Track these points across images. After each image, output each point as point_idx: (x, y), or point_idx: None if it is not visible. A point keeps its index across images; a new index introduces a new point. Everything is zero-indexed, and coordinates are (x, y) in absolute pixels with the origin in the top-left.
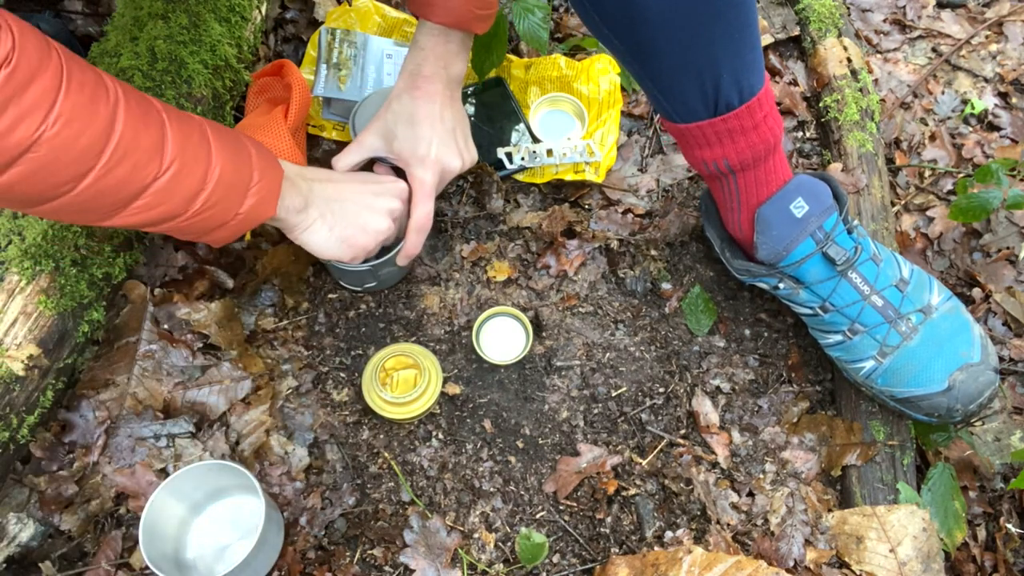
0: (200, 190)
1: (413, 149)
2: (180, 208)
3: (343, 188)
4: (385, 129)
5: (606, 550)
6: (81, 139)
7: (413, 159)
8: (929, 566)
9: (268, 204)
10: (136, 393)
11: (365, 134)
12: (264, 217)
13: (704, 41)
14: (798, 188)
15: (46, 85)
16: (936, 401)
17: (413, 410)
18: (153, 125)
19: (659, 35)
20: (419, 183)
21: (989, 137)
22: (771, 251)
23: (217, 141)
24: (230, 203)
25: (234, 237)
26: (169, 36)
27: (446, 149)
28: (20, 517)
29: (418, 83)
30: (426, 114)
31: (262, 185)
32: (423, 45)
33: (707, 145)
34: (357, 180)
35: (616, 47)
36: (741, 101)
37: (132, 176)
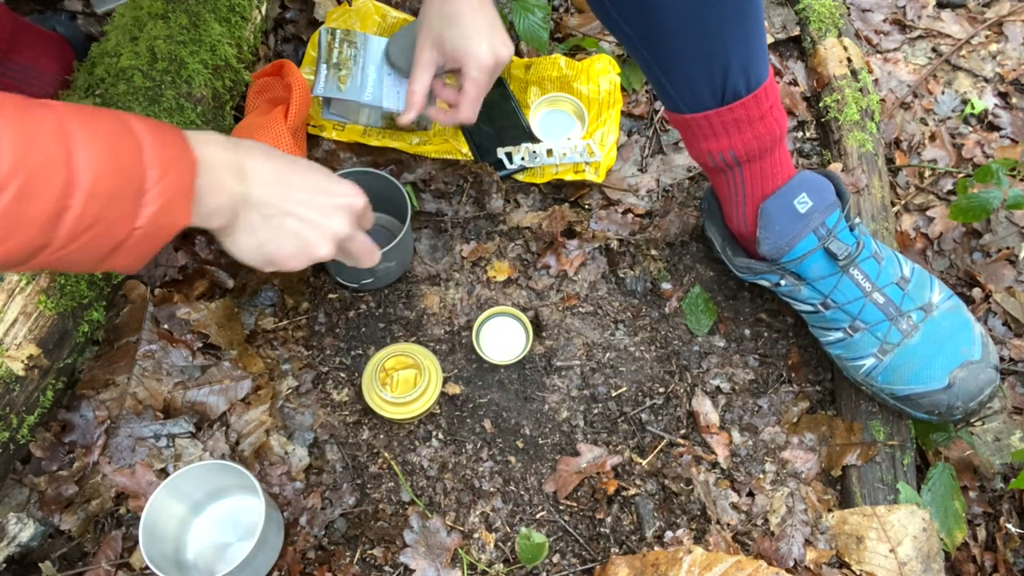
0: (62, 209)
1: (466, 48)
2: (40, 238)
3: (289, 195)
4: (433, 36)
5: (606, 550)
6: None
7: (468, 58)
8: (929, 566)
9: (178, 210)
10: (136, 393)
11: (420, 52)
12: (177, 228)
13: (714, 26)
14: (802, 184)
15: None
16: (937, 399)
17: (413, 410)
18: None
19: (670, 19)
20: (473, 83)
21: (989, 137)
22: (774, 246)
23: (83, 135)
24: (117, 218)
25: (143, 259)
26: (169, 36)
27: (495, 40)
28: (20, 517)
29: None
30: (467, 9)
31: (165, 185)
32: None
33: (713, 136)
34: (310, 186)
35: (625, 33)
36: (748, 90)
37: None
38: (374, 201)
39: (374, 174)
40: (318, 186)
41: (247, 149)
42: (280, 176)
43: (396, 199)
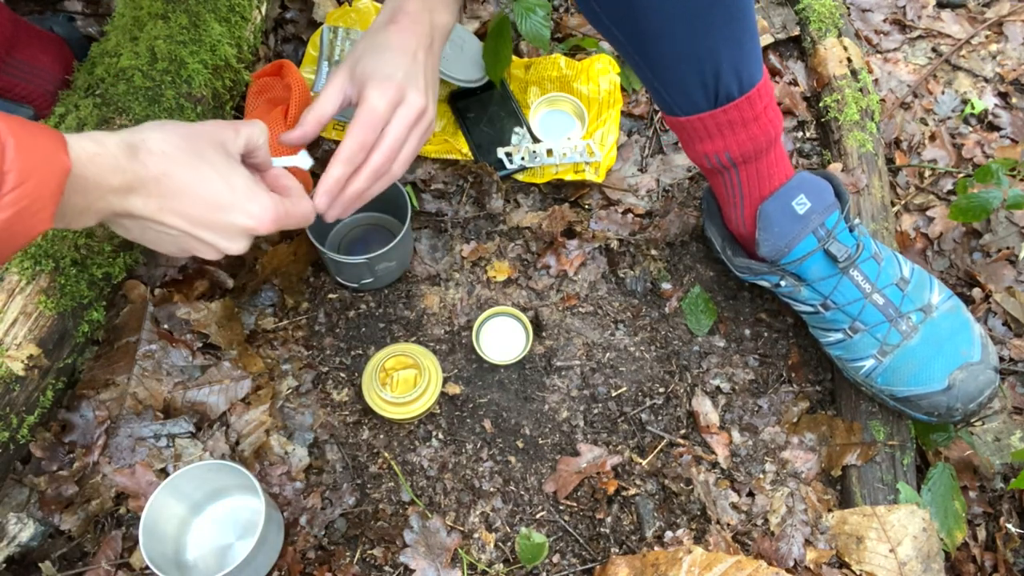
0: None
1: (374, 71)
2: None
3: (177, 209)
4: (353, 60)
5: (606, 550)
6: None
7: (371, 80)
8: (929, 566)
9: (35, 217)
10: (136, 393)
11: (331, 77)
12: (34, 234)
13: (704, 29)
14: (800, 185)
15: None
16: (936, 400)
17: (413, 410)
18: None
19: (659, 23)
20: (367, 107)
21: (989, 137)
22: (773, 248)
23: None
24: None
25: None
26: (169, 36)
27: (411, 80)
28: (20, 517)
29: (397, 18)
30: (399, 46)
31: (22, 192)
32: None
33: (708, 138)
34: (209, 199)
35: (616, 37)
36: (741, 92)
37: None
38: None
39: None
40: (218, 199)
41: (147, 153)
42: (174, 187)
43: (396, 199)
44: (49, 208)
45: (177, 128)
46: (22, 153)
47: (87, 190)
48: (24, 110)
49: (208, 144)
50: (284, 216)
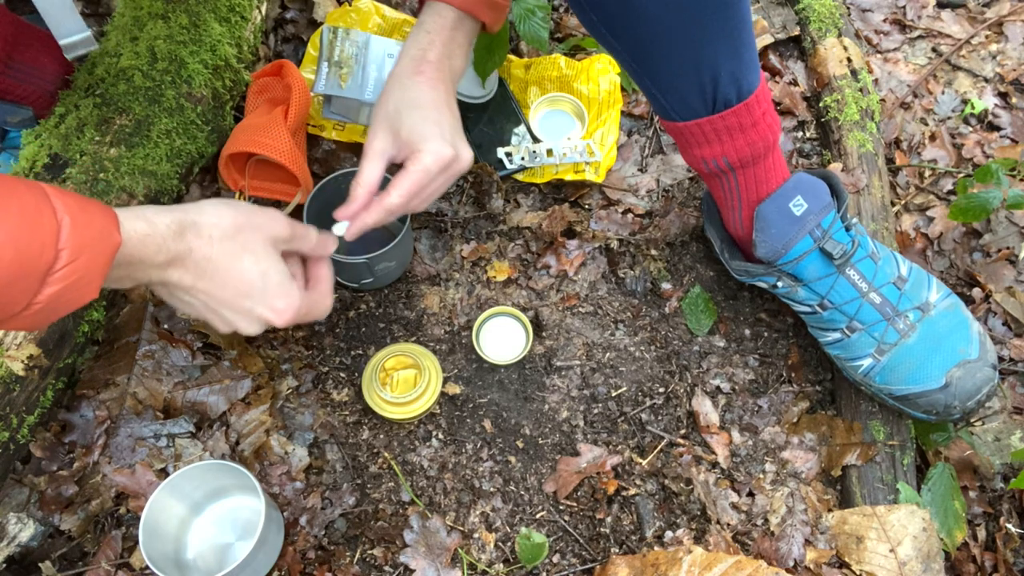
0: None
1: (423, 132)
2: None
3: (208, 288)
4: (389, 121)
5: (606, 550)
6: None
7: (424, 141)
8: (929, 566)
9: (84, 289)
10: (136, 393)
11: (372, 140)
12: (80, 304)
13: (701, 39)
14: (797, 186)
15: None
16: (934, 398)
17: (413, 410)
18: None
19: (656, 34)
20: (422, 170)
21: (989, 137)
22: (770, 249)
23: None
24: (14, 296)
25: (39, 327)
26: (169, 36)
27: (457, 136)
28: (20, 517)
29: (422, 68)
30: (433, 101)
31: (74, 267)
32: (430, 29)
33: (706, 143)
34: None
35: (614, 47)
36: (739, 99)
37: None
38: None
39: None
40: (250, 289)
41: (195, 235)
42: (212, 270)
43: None
44: (97, 282)
45: (232, 213)
46: (77, 231)
47: (131, 264)
48: (24, 111)
49: (256, 234)
50: (304, 314)
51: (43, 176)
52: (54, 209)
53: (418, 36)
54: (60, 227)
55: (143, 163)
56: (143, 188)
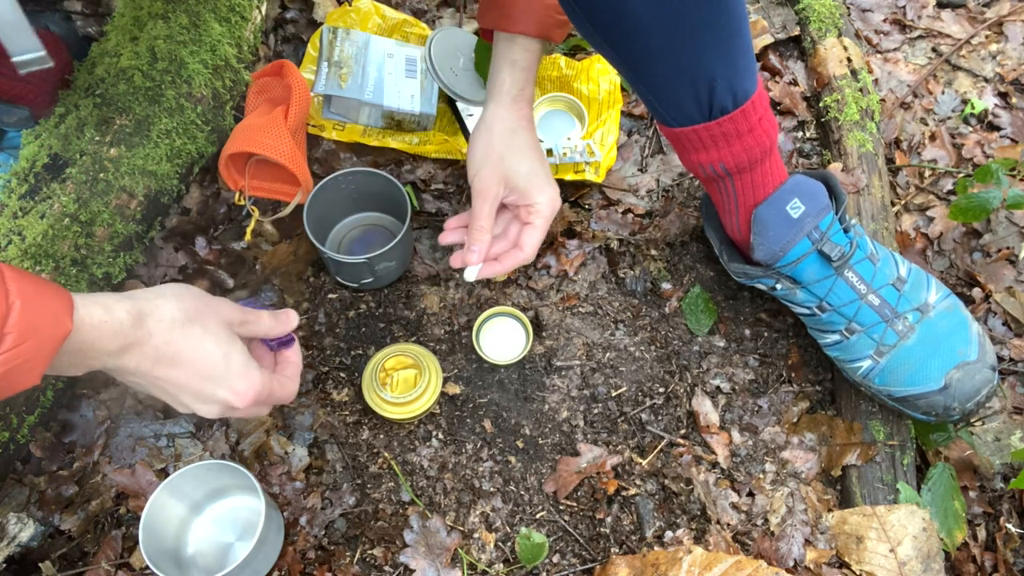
0: None
1: (540, 187)
2: None
3: (166, 373)
4: (500, 166)
5: (606, 550)
6: None
7: (542, 196)
8: (929, 566)
9: (25, 375)
10: (136, 393)
11: (484, 182)
12: (18, 389)
13: (696, 48)
14: (794, 188)
15: None
16: (933, 400)
17: (413, 410)
18: None
19: (652, 43)
20: (544, 223)
21: (989, 137)
22: (768, 252)
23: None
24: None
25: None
26: (169, 36)
27: (554, 183)
28: (20, 517)
29: (522, 108)
30: (534, 142)
31: (16, 353)
32: (522, 64)
33: (703, 148)
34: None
35: (609, 54)
36: (735, 105)
37: None
38: (374, 201)
39: (374, 174)
40: (211, 371)
41: (156, 321)
42: (172, 354)
43: (396, 199)
44: (40, 369)
45: (191, 297)
46: (26, 315)
47: (84, 351)
48: (20, 111)
49: (215, 318)
50: (267, 397)
51: (43, 176)
52: (7, 291)
53: (513, 72)
54: (10, 311)
55: (143, 163)
56: (143, 188)
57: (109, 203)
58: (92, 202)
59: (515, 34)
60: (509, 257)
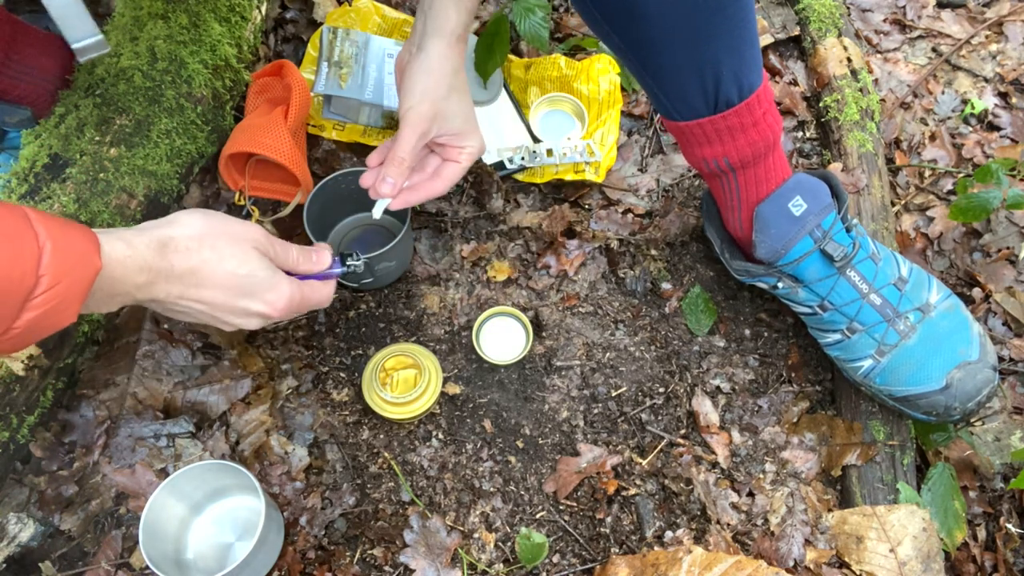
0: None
1: (472, 125)
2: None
3: (197, 294)
4: (436, 102)
5: (606, 550)
6: None
7: (470, 136)
8: (929, 566)
9: (63, 313)
10: (136, 393)
11: (417, 112)
12: (59, 327)
13: (704, 37)
14: (796, 186)
15: None
16: (934, 400)
17: (413, 410)
18: None
19: (660, 31)
20: (466, 164)
21: (989, 137)
22: (770, 249)
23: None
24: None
25: (17, 350)
26: (169, 36)
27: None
28: (20, 517)
29: (461, 48)
30: (466, 87)
31: (54, 293)
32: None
33: (707, 143)
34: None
35: (616, 44)
36: (741, 98)
37: None
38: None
39: None
40: (240, 288)
41: (174, 251)
42: (198, 279)
43: None
44: (76, 306)
45: (205, 221)
46: (58, 256)
47: (113, 286)
48: (23, 111)
49: (232, 239)
50: (300, 302)
51: (43, 176)
52: (36, 234)
53: (459, 10)
54: (42, 253)
55: (143, 163)
56: (143, 188)
57: (109, 203)
58: (92, 202)
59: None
60: (426, 186)
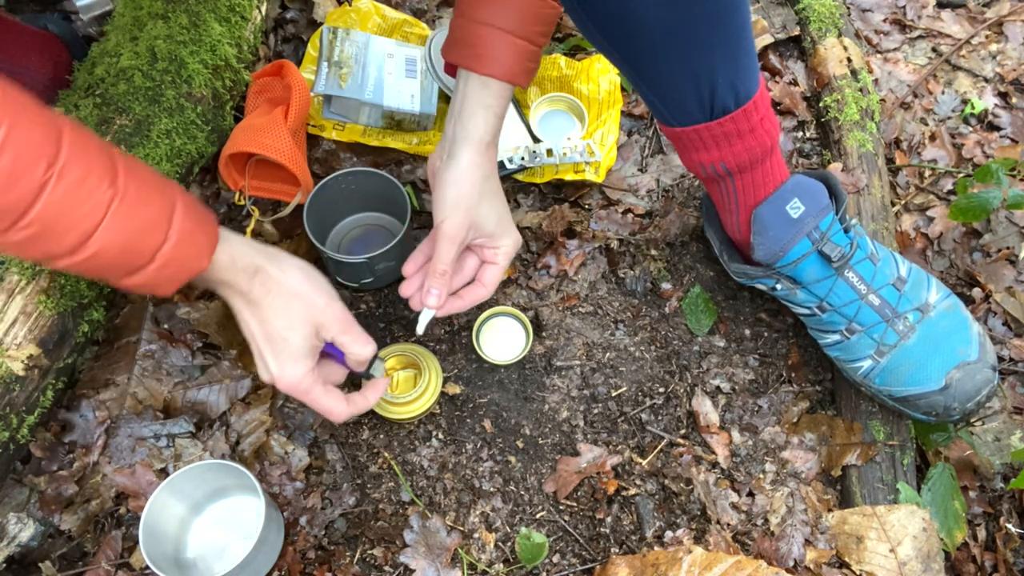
0: (70, 251)
1: (506, 227)
2: (60, 246)
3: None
4: (469, 211)
5: (606, 550)
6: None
7: (506, 236)
8: (929, 566)
9: (160, 288)
10: (136, 393)
11: (450, 223)
12: (155, 293)
13: (699, 46)
14: (795, 188)
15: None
16: (933, 400)
17: (413, 410)
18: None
19: (655, 43)
20: (504, 266)
21: (989, 137)
22: (768, 252)
23: (123, 211)
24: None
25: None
26: (169, 36)
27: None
28: (20, 517)
29: (491, 153)
30: (499, 187)
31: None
32: (491, 105)
33: (704, 148)
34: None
35: (611, 54)
36: (737, 105)
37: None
38: (374, 201)
39: (374, 174)
40: (271, 342)
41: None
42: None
43: (396, 199)
44: (172, 288)
45: (300, 280)
46: (176, 250)
47: (204, 278)
48: None
49: (305, 308)
50: (304, 396)
51: None
52: (169, 226)
53: (488, 118)
54: (165, 243)
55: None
56: None
57: None
58: None
59: (487, 77)
60: (470, 293)
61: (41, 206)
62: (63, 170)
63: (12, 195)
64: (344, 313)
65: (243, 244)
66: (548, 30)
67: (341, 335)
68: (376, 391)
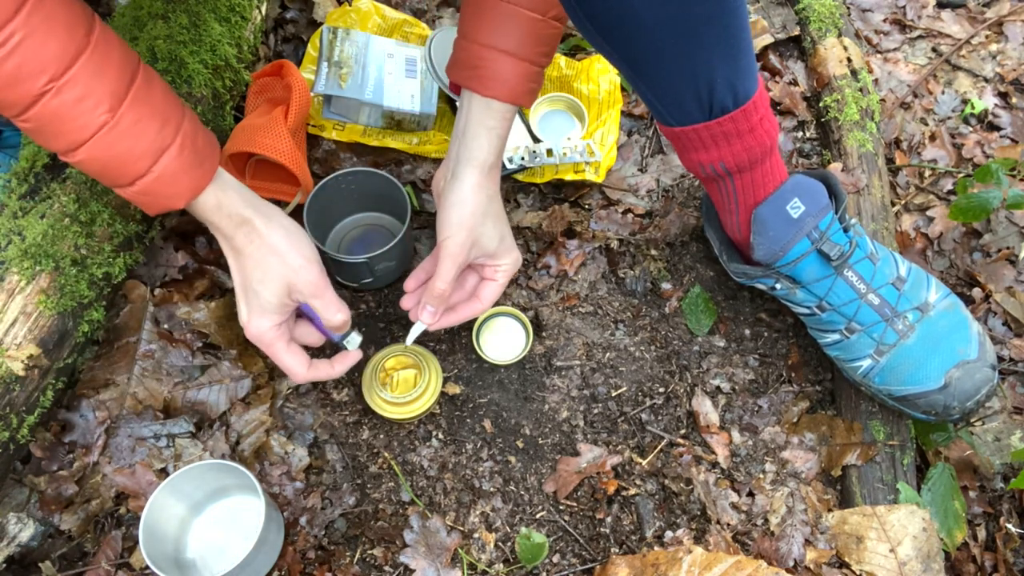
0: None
1: (508, 246)
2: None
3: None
4: (472, 230)
5: (606, 550)
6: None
7: (507, 254)
8: (929, 566)
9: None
10: (136, 393)
11: (453, 242)
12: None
13: (698, 48)
14: (795, 188)
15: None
16: (933, 399)
17: (413, 410)
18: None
19: (652, 43)
20: (504, 282)
21: (989, 137)
22: (768, 251)
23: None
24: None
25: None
26: (169, 36)
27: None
28: (20, 517)
29: (494, 174)
30: (501, 207)
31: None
32: (494, 127)
33: (703, 148)
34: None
35: (610, 54)
36: (736, 105)
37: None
38: (374, 201)
39: (374, 174)
40: (245, 291)
41: (247, 232)
42: (238, 259)
43: (396, 199)
44: (154, 211)
45: (281, 238)
46: (154, 185)
47: (191, 211)
48: None
49: (279, 267)
50: (268, 349)
51: (43, 176)
52: (155, 162)
53: (491, 139)
54: (146, 175)
55: None
56: None
57: (109, 203)
58: (92, 202)
59: (490, 99)
60: (466, 307)
61: (37, 109)
62: (64, 86)
63: (13, 94)
64: (319, 278)
65: (237, 193)
66: (551, 50)
67: (312, 298)
68: (344, 363)
